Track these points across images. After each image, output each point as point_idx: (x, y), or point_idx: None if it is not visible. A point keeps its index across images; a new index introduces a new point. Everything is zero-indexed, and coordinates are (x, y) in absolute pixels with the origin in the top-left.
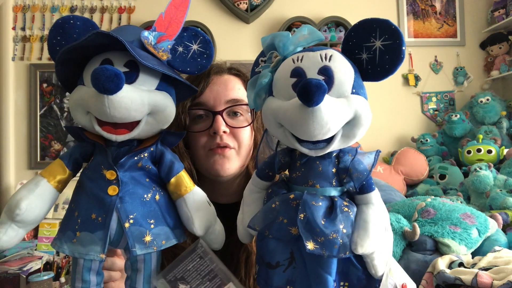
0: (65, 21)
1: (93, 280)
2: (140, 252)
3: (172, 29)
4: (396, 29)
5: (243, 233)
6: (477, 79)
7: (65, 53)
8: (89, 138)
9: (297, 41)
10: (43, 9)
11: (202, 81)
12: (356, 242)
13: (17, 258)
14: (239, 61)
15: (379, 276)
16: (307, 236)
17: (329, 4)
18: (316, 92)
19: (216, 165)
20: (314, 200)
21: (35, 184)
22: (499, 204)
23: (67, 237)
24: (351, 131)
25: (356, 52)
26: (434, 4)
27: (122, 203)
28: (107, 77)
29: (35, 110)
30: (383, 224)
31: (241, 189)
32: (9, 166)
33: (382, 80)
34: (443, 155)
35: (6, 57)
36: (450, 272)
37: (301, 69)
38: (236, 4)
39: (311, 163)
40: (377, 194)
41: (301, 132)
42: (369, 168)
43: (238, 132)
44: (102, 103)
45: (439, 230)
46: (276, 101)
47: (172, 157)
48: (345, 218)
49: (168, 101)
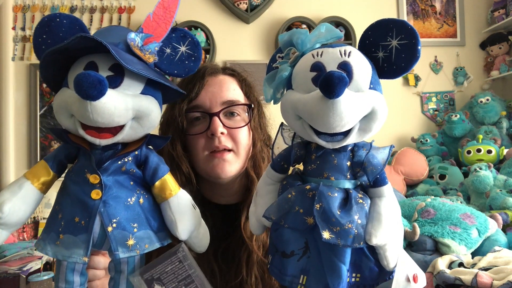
0: (51, 19)
1: (77, 280)
2: (123, 255)
3: (160, 30)
4: (412, 29)
5: (256, 224)
6: (477, 79)
7: (49, 55)
8: (73, 141)
9: (315, 38)
10: (43, 9)
11: (197, 83)
12: (371, 233)
13: (17, 258)
14: (239, 61)
15: (391, 268)
16: (323, 225)
17: (329, 4)
18: (338, 84)
19: (216, 169)
20: (330, 191)
21: (19, 186)
22: (499, 204)
23: (51, 239)
24: (368, 125)
25: (372, 51)
26: (434, 4)
27: (105, 207)
28: (89, 83)
29: (35, 110)
30: (396, 216)
31: (241, 189)
32: (9, 166)
33: (397, 77)
34: (443, 155)
35: (6, 57)
36: (450, 272)
37: (321, 63)
38: (236, 4)
39: (327, 156)
40: (390, 187)
41: (320, 123)
42: (383, 162)
43: (236, 132)
44: (85, 109)
45: (439, 230)
46: (296, 94)
47: (158, 160)
48: (359, 209)
49: (153, 105)
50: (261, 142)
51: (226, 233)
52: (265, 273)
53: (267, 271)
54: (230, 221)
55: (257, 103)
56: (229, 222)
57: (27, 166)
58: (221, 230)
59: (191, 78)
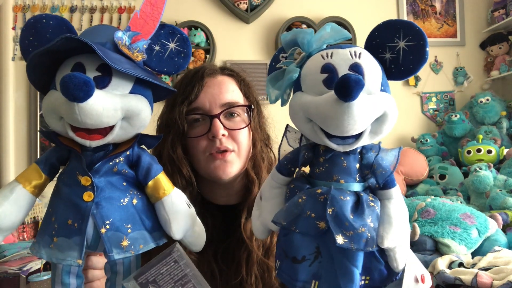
0: (37, 20)
1: (73, 282)
2: (117, 256)
3: (148, 28)
4: (420, 31)
5: (261, 229)
6: (477, 79)
7: (35, 57)
8: (63, 143)
9: (322, 39)
10: (43, 9)
11: (196, 84)
12: (383, 236)
13: (17, 258)
14: (239, 61)
15: (400, 270)
16: (337, 230)
17: (329, 4)
18: (354, 87)
19: (218, 171)
20: (342, 195)
21: (10, 191)
22: (499, 204)
23: (45, 242)
24: (379, 127)
25: (379, 52)
26: (434, 4)
27: (98, 208)
28: (75, 85)
29: (35, 110)
30: (405, 218)
31: (240, 190)
32: (9, 166)
33: (404, 79)
34: (443, 155)
35: (6, 57)
36: (450, 272)
37: (332, 65)
38: (236, 4)
39: (336, 159)
40: (398, 189)
41: (333, 126)
42: (393, 164)
43: (237, 133)
44: (73, 111)
45: (439, 230)
46: (307, 96)
47: (150, 159)
48: (371, 212)
49: (143, 104)
50: (261, 142)
51: (226, 234)
52: (264, 272)
53: (266, 270)
54: (230, 221)
55: (256, 103)
56: (229, 223)
57: (27, 166)
58: (221, 230)
59: (190, 80)
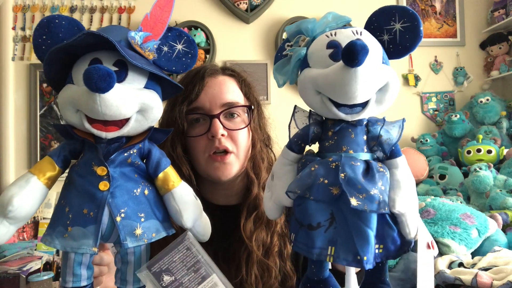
0: (50, 20)
1: (84, 274)
2: (131, 244)
3: (157, 30)
4: (414, 13)
5: (274, 207)
6: (477, 79)
7: (54, 53)
8: (79, 135)
9: (324, 25)
10: (43, 9)
11: (197, 84)
12: (394, 199)
13: (17, 258)
14: (239, 61)
15: (412, 237)
16: (351, 192)
17: (329, 4)
18: (360, 52)
19: (217, 172)
20: (353, 160)
21: (26, 181)
22: (499, 204)
23: (58, 232)
24: (383, 96)
25: (378, 34)
26: (434, 4)
27: (113, 197)
28: (99, 76)
29: (35, 110)
30: (413, 185)
31: (240, 190)
32: (9, 166)
33: (403, 57)
34: (443, 155)
35: (6, 57)
36: (450, 272)
37: (337, 41)
38: (236, 4)
39: (344, 131)
40: (404, 159)
41: (341, 93)
42: (398, 133)
43: (236, 134)
44: (94, 102)
45: (439, 230)
46: (314, 70)
47: (160, 153)
48: (381, 176)
49: (156, 99)
50: (261, 142)
51: (226, 234)
52: (264, 272)
53: (266, 270)
54: (230, 221)
55: (257, 103)
56: (229, 223)
57: (27, 166)
58: (221, 231)
59: (191, 79)
